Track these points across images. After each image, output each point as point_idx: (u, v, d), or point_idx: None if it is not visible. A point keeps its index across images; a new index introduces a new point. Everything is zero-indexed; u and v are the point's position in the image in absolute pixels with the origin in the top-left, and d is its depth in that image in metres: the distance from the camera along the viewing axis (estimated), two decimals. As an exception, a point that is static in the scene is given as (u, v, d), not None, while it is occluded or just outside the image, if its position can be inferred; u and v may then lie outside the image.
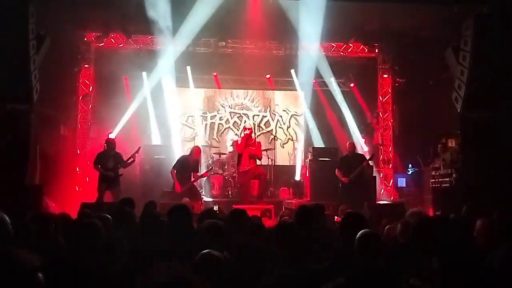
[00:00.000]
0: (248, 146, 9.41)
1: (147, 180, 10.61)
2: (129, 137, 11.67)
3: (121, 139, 10.95)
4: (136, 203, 5.88)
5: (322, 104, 12.91)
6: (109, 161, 8.98)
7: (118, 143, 9.51)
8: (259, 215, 7.89)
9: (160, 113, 12.33)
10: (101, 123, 12.08)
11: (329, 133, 12.59)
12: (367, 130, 12.81)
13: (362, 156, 9.99)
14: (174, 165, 9.46)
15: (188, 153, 9.81)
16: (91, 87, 12.13)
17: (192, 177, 9.33)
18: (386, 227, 5.13)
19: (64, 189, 10.46)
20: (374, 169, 11.19)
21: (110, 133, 11.58)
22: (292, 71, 12.77)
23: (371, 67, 12.94)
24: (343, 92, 12.79)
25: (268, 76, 12.97)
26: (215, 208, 7.00)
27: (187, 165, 9.31)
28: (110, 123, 11.91)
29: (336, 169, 9.56)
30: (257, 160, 9.61)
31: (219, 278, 2.93)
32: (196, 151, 9.52)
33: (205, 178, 10.54)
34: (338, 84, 12.81)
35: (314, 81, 12.71)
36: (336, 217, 7.23)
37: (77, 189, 11.42)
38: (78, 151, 11.84)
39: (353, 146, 9.77)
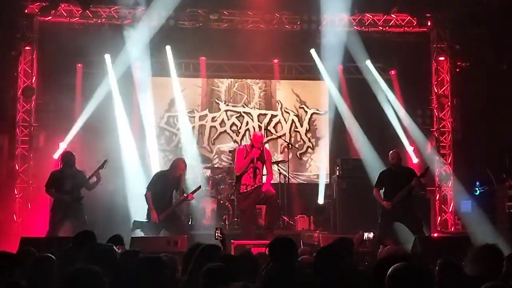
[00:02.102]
0: (252, 158, 9.39)
1: (114, 205, 10.68)
2: (86, 146, 11.72)
3: (76, 149, 11.00)
4: (100, 237, 5.92)
5: (353, 98, 12.88)
6: (67, 182, 9.03)
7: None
8: (267, 253, 7.93)
9: (130, 112, 12.33)
10: (49, 128, 12.04)
11: (364, 138, 12.56)
12: (416, 135, 12.80)
13: (411, 170, 9.93)
14: (148, 185, 9.40)
15: (167, 168, 9.87)
16: (34, 78, 12.11)
17: (175, 199, 9.38)
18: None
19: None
20: (428, 188, 11.18)
21: (61, 141, 11.57)
22: (313, 51, 12.82)
23: (421, 47, 12.90)
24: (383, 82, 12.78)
25: (276, 61, 13.01)
26: (217, 234, 6.80)
27: (166, 185, 9.29)
28: (62, 128, 11.88)
29: (375, 189, 9.52)
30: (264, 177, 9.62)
31: None
32: (178, 165, 9.47)
33: (191, 201, 10.52)
34: (376, 71, 12.82)
35: (340, 67, 12.74)
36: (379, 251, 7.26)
37: (15, 218, 11.39)
38: (17, 166, 11.85)
39: (398, 157, 9.67)
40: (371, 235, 9.37)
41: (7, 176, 11.70)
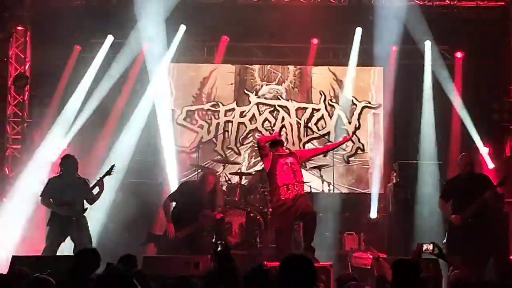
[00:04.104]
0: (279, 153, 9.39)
1: (124, 217, 10.79)
2: (88, 147, 11.83)
3: (76, 150, 11.08)
4: (107, 255, 5.97)
5: (411, 88, 12.85)
6: (67, 192, 9.11)
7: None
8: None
9: (141, 106, 12.44)
10: (44, 125, 12.16)
11: (427, 138, 12.47)
12: (492, 133, 12.68)
13: (486, 178, 9.82)
14: (172, 194, 9.63)
15: (197, 180, 9.98)
16: (27, 64, 12.29)
17: (199, 216, 9.49)
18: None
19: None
20: (507, 200, 11.00)
21: (59, 140, 11.69)
22: (358, 30, 12.77)
23: (497, 26, 12.73)
24: (447, 68, 12.69)
25: (315, 41, 12.98)
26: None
27: (194, 200, 9.48)
28: (61, 124, 12.02)
29: (440, 200, 9.44)
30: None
31: None
32: (207, 180, 9.68)
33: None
34: (440, 54, 12.74)
35: (394, 48, 12.69)
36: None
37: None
38: (7, 170, 12.00)
39: (469, 161, 9.52)
40: (430, 246, 9.32)
41: (-4, 183, 11.79)
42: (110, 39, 12.47)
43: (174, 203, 9.65)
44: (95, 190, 9.15)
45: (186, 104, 13.20)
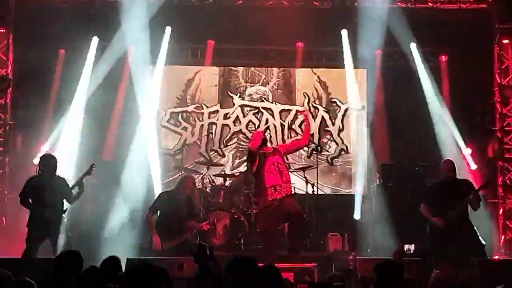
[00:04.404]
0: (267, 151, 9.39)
1: (104, 219, 10.71)
2: (72, 149, 11.73)
3: (60, 153, 11.01)
4: (89, 258, 5.95)
5: (395, 90, 12.83)
6: (46, 192, 9.03)
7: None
8: (292, 279, 7.86)
9: (124, 108, 12.45)
10: (27, 127, 12.13)
11: (409, 140, 12.50)
12: (474, 135, 12.71)
13: (468, 183, 9.86)
14: (151, 206, 9.59)
15: (174, 186, 9.95)
16: (10, 66, 12.20)
17: (185, 227, 9.47)
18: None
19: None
20: (489, 201, 11.04)
21: (42, 144, 11.62)
22: (344, 33, 12.79)
23: (480, 28, 12.73)
24: (431, 69, 12.73)
25: (300, 44, 12.97)
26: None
27: (174, 209, 9.43)
28: (43, 127, 11.99)
29: (422, 204, 9.47)
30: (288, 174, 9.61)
31: None
32: (185, 184, 9.62)
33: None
34: (423, 57, 12.78)
35: (378, 51, 12.73)
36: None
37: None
38: (-11, 173, 11.90)
39: (452, 167, 9.61)
40: (412, 246, 9.38)
41: (-22, 186, 11.71)
42: (95, 41, 12.41)
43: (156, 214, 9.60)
44: (75, 190, 9.10)
45: (171, 106, 13.17)
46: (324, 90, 13.44)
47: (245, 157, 12.50)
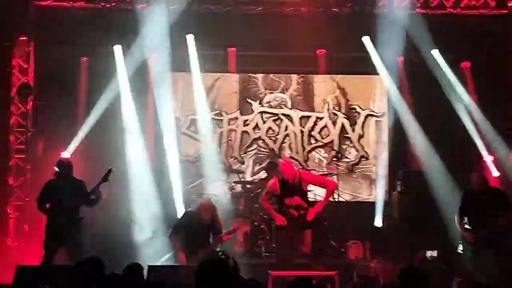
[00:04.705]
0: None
1: (128, 226, 10.73)
2: (93, 156, 11.78)
3: (81, 159, 11.06)
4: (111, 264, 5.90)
5: (416, 97, 12.79)
6: (63, 196, 9.03)
7: (76, 166, 9.57)
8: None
9: (144, 115, 12.46)
10: (48, 134, 12.18)
11: (431, 146, 12.38)
12: (496, 141, 12.55)
13: (501, 194, 9.72)
14: (174, 227, 9.63)
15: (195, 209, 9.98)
16: (31, 74, 12.16)
17: (208, 242, 9.55)
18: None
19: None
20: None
21: (63, 150, 11.67)
22: (366, 39, 12.77)
23: (501, 33, 12.67)
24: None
25: (321, 51, 12.95)
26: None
27: (197, 228, 9.49)
28: (63, 134, 12.03)
29: (458, 214, 9.45)
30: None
31: None
32: (206, 207, 9.62)
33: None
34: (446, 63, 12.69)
35: (400, 58, 12.70)
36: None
37: (9, 243, 11.48)
38: (11, 180, 11.89)
39: (482, 180, 9.59)
40: (434, 253, 9.29)
41: (0, 193, 11.76)
42: (118, 49, 12.43)
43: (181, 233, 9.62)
44: (92, 196, 9.09)
45: (191, 113, 13.15)
46: (343, 96, 13.38)
47: (264, 164, 12.55)
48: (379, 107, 13.27)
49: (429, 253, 9.31)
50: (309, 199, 9.76)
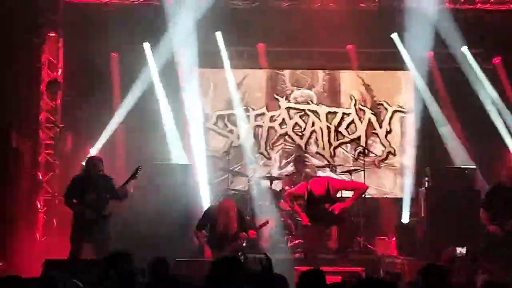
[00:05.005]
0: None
1: (153, 221, 10.83)
2: (121, 151, 11.88)
3: (109, 155, 11.15)
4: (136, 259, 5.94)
5: (445, 93, 12.73)
6: (91, 192, 9.04)
7: (104, 162, 9.56)
8: (340, 281, 7.82)
9: (173, 110, 12.52)
10: (77, 129, 12.31)
11: (459, 143, 12.37)
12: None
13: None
14: (198, 225, 9.59)
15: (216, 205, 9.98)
16: (60, 70, 12.31)
17: (234, 238, 9.53)
18: None
19: (17, 237, 10.67)
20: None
21: (91, 146, 11.77)
22: (395, 36, 12.71)
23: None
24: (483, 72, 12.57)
25: (350, 47, 12.91)
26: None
27: (225, 224, 9.47)
28: (92, 130, 12.16)
29: (482, 210, 9.40)
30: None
31: None
32: (228, 207, 9.45)
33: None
34: (475, 59, 12.61)
35: (430, 53, 12.60)
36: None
37: (38, 237, 11.63)
38: (40, 175, 12.05)
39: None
40: (464, 250, 9.23)
41: (29, 187, 11.87)
42: (147, 46, 12.53)
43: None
44: (120, 193, 9.11)
45: (219, 108, 13.19)
46: (369, 93, 13.31)
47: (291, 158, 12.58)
48: (407, 103, 13.17)
49: (458, 250, 9.25)
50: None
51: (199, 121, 12.73)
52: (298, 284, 4.77)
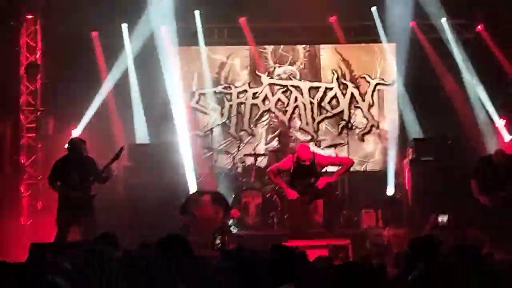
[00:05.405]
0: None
1: (138, 202, 10.80)
2: (104, 133, 11.79)
3: (92, 137, 11.07)
4: (122, 240, 5.92)
5: (427, 64, 12.69)
6: (75, 174, 9.03)
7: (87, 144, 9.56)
8: (327, 254, 7.87)
9: (153, 90, 12.43)
10: (58, 113, 12.19)
11: (441, 113, 12.31)
12: (508, 106, 12.50)
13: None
14: (181, 210, 9.99)
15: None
16: (38, 53, 12.22)
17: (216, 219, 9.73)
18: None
19: (1, 222, 10.59)
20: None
21: (73, 128, 11.69)
22: (374, 9, 12.69)
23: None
24: (464, 42, 12.55)
25: (332, 18, 12.84)
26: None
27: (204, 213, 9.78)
28: (73, 112, 12.06)
29: (472, 181, 9.50)
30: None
31: None
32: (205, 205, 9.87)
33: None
34: (456, 29, 12.59)
35: (412, 24, 12.59)
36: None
37: (23, 221, 11.55)
38: (22, 159, 11.97)
39: (503, 153, 9.69)
40: (445, 217, 9.32)
41: (11, 171, 11.79)
42: (125, 27, 12.47)
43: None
44: (104, 174, 9.05)
45: (199, 87, 13.13)
46: (347, 68, 13.26)
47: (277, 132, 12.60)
48: (389, 76, 13.15)
49: (440, 218, 9.34)
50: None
51: (181, 100, 12.65)
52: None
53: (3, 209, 11.01)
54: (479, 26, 12.70)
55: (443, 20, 12.51)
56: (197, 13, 12.60)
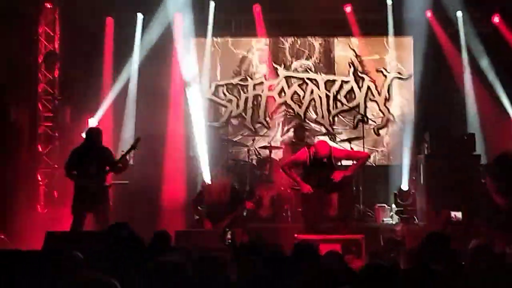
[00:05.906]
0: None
1: (154, 192, 10.82)
2: (121, 123, 11.87)
3: (108, 127, 11.17)
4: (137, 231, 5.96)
5: (444, 58, 12.63)
6: (91, 163, 9.08)
7: (103, 133, 9.56)
8: (339, 250, 7.86)
9: (171, 81, 12.46)
10: (76, 101, 12.26)
11: (458, 109, 12.34)
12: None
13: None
14: (195, 201, 9.98)
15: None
16: (57, 42, 12.30)
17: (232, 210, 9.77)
18: None
19: (18, 210, 10.70)
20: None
21: (90, 117, 11.76)
22: (389, 2, 12.64)
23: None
24: (481, 35, 12.43)
25: (348, 9, 12.78)
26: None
27: (218, 203, 9.76)
28: (90, 101, 12.12)
29: (488, 178, 9.43)
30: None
31: None
32: (222, 190, 9.83)
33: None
34: (472, 22, 12.52)
35: (429, 16, 12.53)
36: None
37: (39, 209, 11.68)
38: (40, 147, 12.06)
39: None
40: (459, 214, 9.28)
41: (28, 160, 11.84)
42: (140, 17, 12.50)
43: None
44: (119, 164, 9.14)
45: (216, 78, 13.15)
46: (362, 61, 13.21)
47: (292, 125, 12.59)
48: (406, 69, 13.09)
49: (453, 214, 9.31)
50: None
51: (197, 91, 12.66)
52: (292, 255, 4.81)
53: (20, 198, 11.09)
54: (495, 18, 12.57)
55: (458, 13, 12.45)
56: (211, 4, 12.58)
